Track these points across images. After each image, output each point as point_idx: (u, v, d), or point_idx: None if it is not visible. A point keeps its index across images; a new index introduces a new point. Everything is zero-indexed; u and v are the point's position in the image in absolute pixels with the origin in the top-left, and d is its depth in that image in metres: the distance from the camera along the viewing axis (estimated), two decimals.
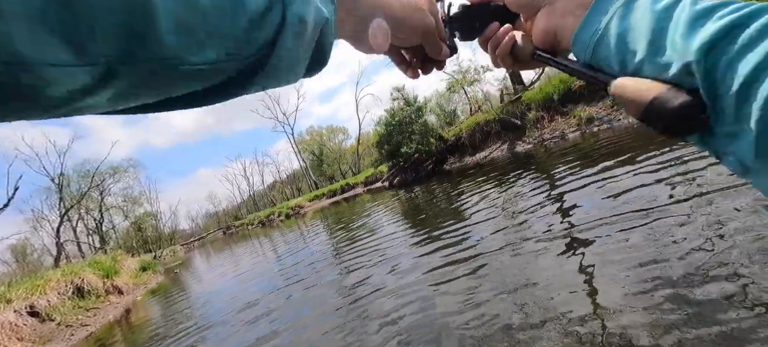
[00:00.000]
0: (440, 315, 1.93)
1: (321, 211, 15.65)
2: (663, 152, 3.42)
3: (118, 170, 32.57)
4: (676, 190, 2.43)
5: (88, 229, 32.76)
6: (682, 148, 3.33)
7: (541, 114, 8.97)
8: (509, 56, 0.41)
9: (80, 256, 26.41)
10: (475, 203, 4.33)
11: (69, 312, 5.75)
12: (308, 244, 6.29)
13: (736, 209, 1.87)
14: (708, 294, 1.35)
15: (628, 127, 6.10)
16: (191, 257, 15.94)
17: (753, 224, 1.68)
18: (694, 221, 1.92)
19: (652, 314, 1.36)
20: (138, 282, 8.99)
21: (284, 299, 3.25)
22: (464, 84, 11.78)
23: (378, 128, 12.92)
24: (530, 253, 2.30)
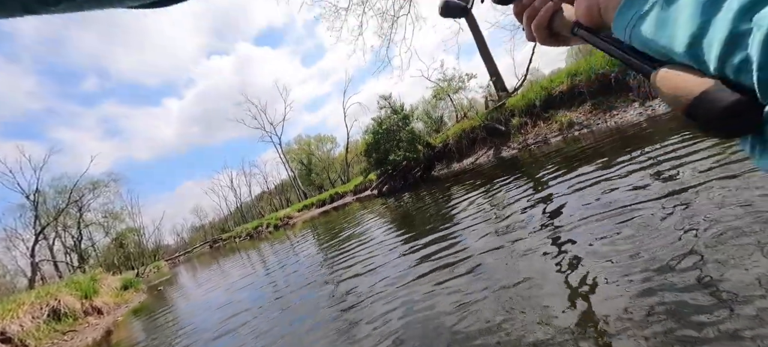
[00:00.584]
0: (431, 319, 1.94)
1: (310, 221, 15.49)
2: (640, 153, 3.55)
3: (98, 185, 31.46)
4: (653, 188, 2.53)
5: (65, 247, 31.39)
6: (658, 149, 3.46)
7: (525, 120, 9.19)
8: (545, 29, 0.38)
9: (57, 276, 25.23)
10: (464, 208, 4.38)
11: (44, 336, 5.47)
12: (298, 255, 6.20)
13: (711, 205, 1.95)
14: (686, 285, 1.41)
15: (607, 131, 6.31)
16: (176, 273, 15.46)
17: (724, 216, 1.76)
18: (672, 217, 2.00)
19: (636, 308, 1.40)
20: (119, 301, 8.65)
21: (274, 312, 3.19)
22: (449, 92, 11.97)
23: (366, 137, 12.97)
24: (518, 254, 2.35)
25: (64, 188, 28.95)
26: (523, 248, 2.40)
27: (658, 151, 3.42)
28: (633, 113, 6.69)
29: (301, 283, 3.88)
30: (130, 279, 11.56)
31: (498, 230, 3.00)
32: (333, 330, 2.28)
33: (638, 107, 6.72)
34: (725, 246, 1.56)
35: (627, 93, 7.13)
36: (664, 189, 2.44)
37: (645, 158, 3.37)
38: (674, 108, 0.25)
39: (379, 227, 5.64)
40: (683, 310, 1.31)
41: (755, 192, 1.92)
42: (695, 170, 2.56)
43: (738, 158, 2.49)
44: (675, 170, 2.72)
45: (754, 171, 2.18)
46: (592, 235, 2.17)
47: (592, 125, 7.33)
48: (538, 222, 2.78)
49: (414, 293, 2.36)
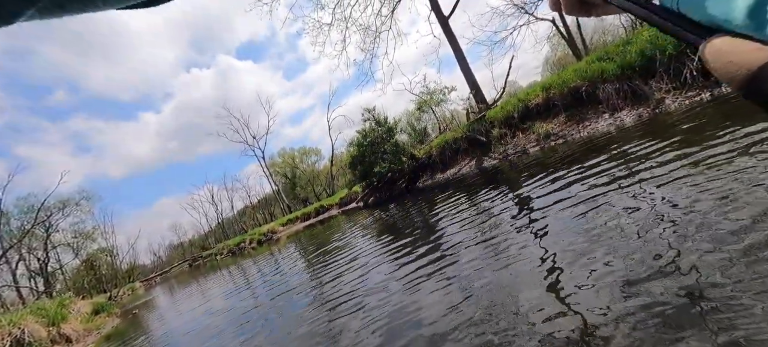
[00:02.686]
0: (416, 327, 1.98)
1: (295, 235, 15.23)
2: (611, 160, 3.77)
3: (68, 203, 29.86)
4: (625, 190, 2.70)
5: (30, 271, 29.40)
6: (628, 155, 3.68)
7: (504, 131, 9.50)
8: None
9: (20, 303, 23.50)
10: (449, 218, 4.47)
11: None
12: (282, 270, 6.09)
13: (679, 200, 2.11)
14: (658, 281, 1.51)
15: (581, 140, 6.62)
16: (153, 295, 14.75)
17: (692, 211, 1.91)
18: (643, 214, 2.18)
19: (613, 306, 1.49)
20: (90, 327, 8.16)
21: (256, 329, 3.12)
22: (432, 104, 12.25)
23: (350, 149, 13.02)
24: (501, 260, 2.43)
25: (31, 208, 27.30)
26: (505, 256, 2.48)
27: (627, 156, 3.65)
28: (603, 124, 7.06)
29: (285, 300, 3.82)
30: (102, 303, 10.97)
31: (481, 238, 3.09)
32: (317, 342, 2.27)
33: (608, 118, 7.10)
34: (696, 241, 1.70)
35: (597, 105, 7.53)
36: (634, 191, 2.63)
37: (616, 163, 3.59)
38: (729, 83, 0.22)
39: (365, 239, 5.64)
40: (657, 309, 1.40)
41: (719, 185, 2.10)
42: (662, 170, 2.78)
43: (705, 156, 2.71)
44: (643, 172, 2.93)
45: (717, 166, 2.39)
46: (572, 239, 2.29)
47: (567, 136, 7.67)
48: (519, 230, 2.89)
49: (399, 303, 2.39)
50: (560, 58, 27.22)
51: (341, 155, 34.59)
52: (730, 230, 1.66)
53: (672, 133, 4.04)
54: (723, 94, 5.30)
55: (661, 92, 6.38)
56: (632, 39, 7.53)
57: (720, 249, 1.56)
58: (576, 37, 16.72)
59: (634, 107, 6.75)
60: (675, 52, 6.27)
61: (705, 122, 3.98)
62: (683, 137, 3.69)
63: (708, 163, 2.58)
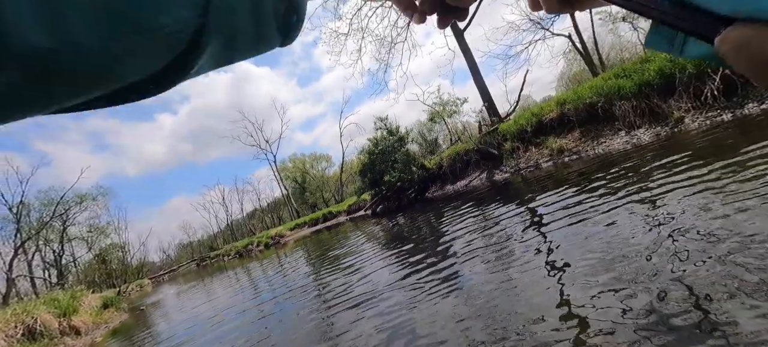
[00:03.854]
0: (416, 338, 1.96)
1: (302, 240, 15.28)
2: (626, 178, 3.68)
3: (85, 198, 30.75)
4: (638, 208, 2.62)
5: (45, 262, 30.23)
6: (643, 174, 3.59)
7: (517, 145, 9.40)
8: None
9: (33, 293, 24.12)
10: (456, 230, 4.42)
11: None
12: (288, 275, 6.10)
13: (692, 222, 2.04)
14: (665, 303, 1.45)
15: (595, 157, 6.49)
16: (161, 292, 14.94)
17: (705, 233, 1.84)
18: (656, 233, 2.10)
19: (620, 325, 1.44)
20: (98, 321, 8.30)
21: (259, 333, 3.12)
22: (444, 115, 12.25)
23: (361, 156, 13.09)
24: (507, 274, 2.39)
25: (51, 201, 28.22)
26: (513, 270, 2.44)
27: (643, 175, 3.56)
28: (619, 141, 6.92)
29: (289, 306, 3.82)
30: (111, 298, 11.13)
31: (489, 251, 3.05)
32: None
33: (624, 136, 6.96)
34: (710, 264, 1.64)
35: (613, 122, 7.40)
36: (647, 211, 2.54)
37: (630, 182, 3.50)
38: (758, 80, 0.20)
39: (372, 248, 5.61)
40: (663, 328, 1.35)
41: (736, 210, 2.02)
42: (678, 190, 2.69)
43: (719, 176, 2.62)
44: (658, 191, 2.84)
45: (735, 191, 2.30)
46: (579, 254, 2.23)
47: (582, 152, 7.54)
48: (528, 245, 2.83)
49: (404, 314, 2.37)
50: (576, 74, 26.99)
51: (351, 162, 34.79)
52: (747, 255, 1.60)
53: (690, 152, 3.93)
54: (745, 115, 5.15)
55: (680, 110, 6.24)
56: (651, 57, 7.42)
57: (735, 276, 1.50)
58: (592, 53, 16.58)
59: (652, 126, 6.60)
60: (695, 72, 6.14)
61: (725, 143, 3.86)
62: (702, 156, 3.58)
63: (726, 184, 2.50)
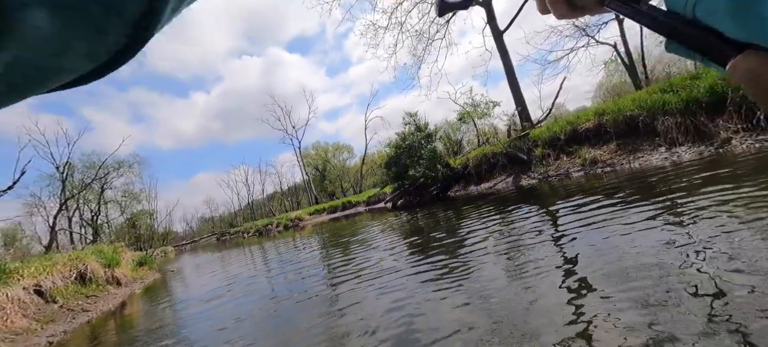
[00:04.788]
0: (423, 335, 1.96)
1: (320, 226, 15.69)
2: (662, 198, 3.64)
3: (122, 165, 32.81)
4: (669, 227, 2.61)
5: (83, 220, 32.55)
6: (681, 196, 3.54)
7: (548, 152, 9.27)
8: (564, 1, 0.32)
9: (71, 247, 26.05)
10: (475, 230, 4.45)
11: (71, 296, 5.78)
12: (304, 257, 6.37)
13: (731, 246, 2.05)
14: (684, 318, 1.52)
15: (630, 171, 6.35)
16: (183, 260, 15.80)
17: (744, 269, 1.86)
18: (685, 255, 2.09)
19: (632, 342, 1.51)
20: (135, 276, 8.97)
21: (271, 309, 3.32)
22: (474, 116, 12.19)
23: (387, 149, 13.26)
24: (523, 279, 2.36)
25: (93, 164, 30.34)
26: (529, 275, 2.39)
27: (680, 197, 3.49)
28: (658, 157, 6.72)
29: (302, 286, 3.95)
30: (146, 257, 11.95)
31: (507, 255, 3.04)
32: (325, 335, 2.34)
33: (664, 152, 6.75)
34: (735, 291, 1.60)
35: (653, 137, 7.18)
36: (681, 236, 2.42)
37: (666, 202, 3.43)
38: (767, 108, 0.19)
39: (389, 239, 5.76)
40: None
41: None
42: (715, 212, 2.57)
43: (765, 203, 2.56)
44: (695, 219, 2.67)
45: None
46: (600, 268, 2.17)
47: (616, 165, 7.37)
48: (548, 254, 2.78)
49: (413, 309, 2.34)
50: (615, 85, 25.90)
51: (373, 155, 35.07)
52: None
53: (734, 175, 3.82)
54: None
55: (728, 131, 5.99)
56: (702, 73, 7.12)
57: (764, 309, 1.45)
58: (637, 65, 15.88)
59: (695, 144, 6.37)
60: None
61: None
62: (747, 180, 3.47)
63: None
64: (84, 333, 4.27)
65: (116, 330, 4.14)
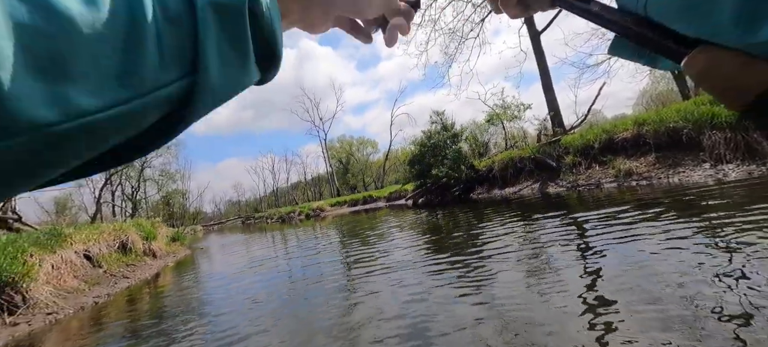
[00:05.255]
0: (436, 333, 1.97)
1: (340, 217, 15.99)
2: (701, 218, 3.43)
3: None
4: (706, 250, 2.47)
5: (124, 195, 35.08)
6: (723, 218, 3.32)
7: (579, 160, 8.91)
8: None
9: (113, 219, 28.23)
10: (496, 234, 4.38)
11: (114, 263, 6.31)
12: (323, 246, 6.54)
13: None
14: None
15: (668, 187, 5.99)
16: (209, 239, 16.65)
17: None
18: (712, 277, 1.98)
19: None
20: (169, 251, 9.61)
21: (288, 291, 3.47)
22: (504, 118, 11.90)
23: (412, 147, 13.26)
24: (543, 291, 2.29)
25: None
26: (548, 287, 2.32)
27: (721, 217, 3.28)
28: (701, 173, 6.29)
29: (320, 274, 4.14)
30: (179, 233, 12.73)
31: (525, 262, 2.99)
32: (339, 323, 2.48)
33: (708, 169, 6.31)
34: None
35: (698, 152, 6.72)
36: (717, 259, 2.27)
37: (705, 221, 3.23)
38: (725, 103, 0.21)
39: (407, 236, 5.80)
40: None
41: None
42: (760, 246, 2.35)
43: None
44: (736, 241, 2.50)
45: None
46: (624, 289, 2.07)
47: (653, 178, 6.97)
48: (571, 264, 2.70)
49: (427, 309, 2.33)
50: (660, 93, 24.28)
51: (396, 152, 35.10)
52: None
53: None
54: None
55: None
56: None
57: None
58: None
59: (745, 162, 5.91)
60: None
61: None
62: None
63: None
64: (123, 297, 4.67)
65: (151, 297, 4.50)
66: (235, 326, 2.68)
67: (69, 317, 3.90)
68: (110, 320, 3.61)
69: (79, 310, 4.12)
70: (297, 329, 2.44)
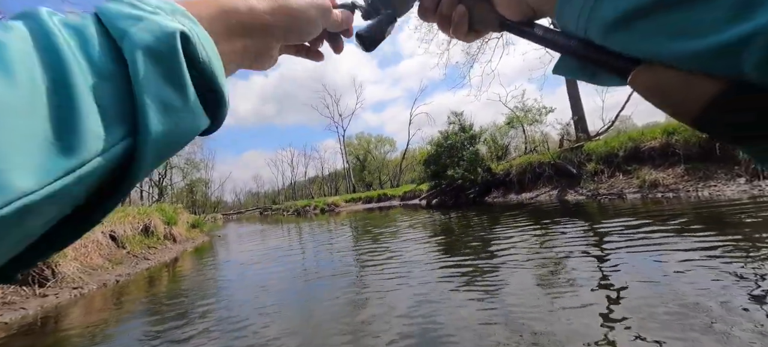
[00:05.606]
0: (443, 335, 1.96)
1: (355, 214, 16.10)
2: (732, 236, 3.22)
3: None
4: (731, 275, 2.31)
5: (151, 180, 36.74)
6: (758, 236, 3.11)
7: (601, 168, 8.57)
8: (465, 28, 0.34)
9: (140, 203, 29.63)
10: (510, 240, 4.28)
11: (137, 244, 6.64)
12: (336, 241, 6.62)
13: None
14: None
15: (696, 201, 5.65)
16: (228, 227, 17.18)
17: None
18: (737, 298, 1.86)
19: None
20: (188, 236, 10.00)
21: (300, 283, 3.54)
22: (524, 122, 11.60)
23: (429, 147, 13.16)
24: (555, 300, 2.23)
25: None
26: (560, 296, 2.27)
27: (754, 236, 3.07)
28: (734, 189, 5.90)
29: (331, 268, 4.20)
30: (199, 220, 13.22)
31: (538, 271, 2.91)
32: (349, 320, 2.46)
33: (743, 183, 5.91)
34: None
35: (732, 165, 6.31)
36: (744, 279, 2.17)
37: (735, 239, 3.03)
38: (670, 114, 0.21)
39: (419, 236, 5.77)
40: None
41: None
42: None
43: None
44: (765, 257, 2.40)
45: None
46: (641, 305, 1.99)
47: (681, 191, 6.61)
48: (586, 275, 2.62)
49: (436, 311, 2.31)
50: None
51: (414, 151, 34.96)
52: None
53: None
54: None
55: None
56: None
57: None
58: None
59: None
60: None
61: None
62: None
63: None
64: (144, 277, 4.91)
65: (169, 280, 4.70)
66: (246, 312, 2.77)
67: (93, 292, 4.15)
68: (130, 298, 3.81)
69: (102, 286, 4.37)
70: (305, 319, 2.49)
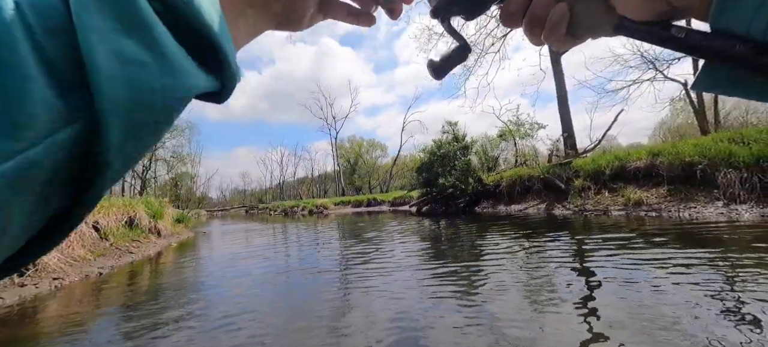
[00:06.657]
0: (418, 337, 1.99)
1: (343, 217, 16.03)
2: (710, 249, 3.37)
3: (176, 128, 35.51)
4: (707, 293, 2.42)
5: (133, 172, 35.74)
6: (731, 257, 3.26)
7: (588, 184, 8.82)
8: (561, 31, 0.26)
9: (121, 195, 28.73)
10: (496, 250, 4.36)
11: (120, 237, 6.45)
12: (322, 243, 6.58)
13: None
14: None
15: (677, 221, 5.88)
16: (212, 224, 16.84)
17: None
18: (716, 317, 1.95)
19: None
20: (173, 231, 9.76)
21: (282, 281, 3.53)
22: (516, 135, 11.85)
23: (421, 154, 13.28)
24: (536, 310, 2.29)
25: None
26: (541, 307, 2.32)
27: (731, 256, 3.22)
28: (713, 211, 6.17)
29: (315, 269, 4.19)
30: (183, 215, 12.92)
31: (522, 281, 2.97)
32: (328, 321, 2.52)
33: (721, 207, 6.18)
34: None
35: (712, 189, 6.60)
36: (720, 298, 2.26)
37: (712, 260, 3.17)
38: None
39: (407, 242, 5.80)
40: None
41: None
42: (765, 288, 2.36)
43: None
44: (742, 278, 2.52)
45: None
46: (621, 318, 2.05)
47: (663, 211, 6.86)
48: (567, 288, 2.68)
49: (413, 309, 2.38)
50: (679, 126, 23.88)
51: (405, 157, 35.13)
52: None
53: None
54: None
55: None
56: None
57: None
58: (709, 108, 14.41)
59: (759, 204, 5.78)
60: None
61: None
62: None
63: None
64: (126, 271, 4.77)
65: (152, 274, 4.59)
66: (227, 309, 2.73)
67: (74, 284, 4.01)
68: (112, 290, 3.69)
69: (84, 278, 4.23)
70: (288, 319, 2.47)
